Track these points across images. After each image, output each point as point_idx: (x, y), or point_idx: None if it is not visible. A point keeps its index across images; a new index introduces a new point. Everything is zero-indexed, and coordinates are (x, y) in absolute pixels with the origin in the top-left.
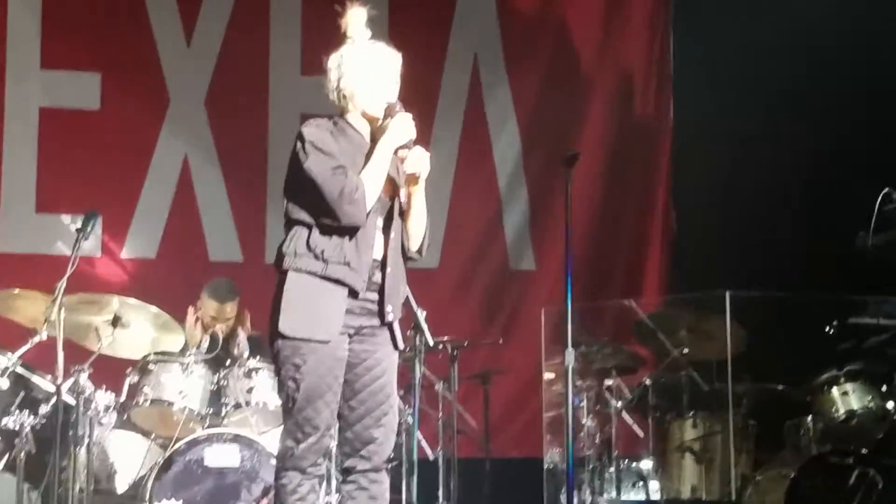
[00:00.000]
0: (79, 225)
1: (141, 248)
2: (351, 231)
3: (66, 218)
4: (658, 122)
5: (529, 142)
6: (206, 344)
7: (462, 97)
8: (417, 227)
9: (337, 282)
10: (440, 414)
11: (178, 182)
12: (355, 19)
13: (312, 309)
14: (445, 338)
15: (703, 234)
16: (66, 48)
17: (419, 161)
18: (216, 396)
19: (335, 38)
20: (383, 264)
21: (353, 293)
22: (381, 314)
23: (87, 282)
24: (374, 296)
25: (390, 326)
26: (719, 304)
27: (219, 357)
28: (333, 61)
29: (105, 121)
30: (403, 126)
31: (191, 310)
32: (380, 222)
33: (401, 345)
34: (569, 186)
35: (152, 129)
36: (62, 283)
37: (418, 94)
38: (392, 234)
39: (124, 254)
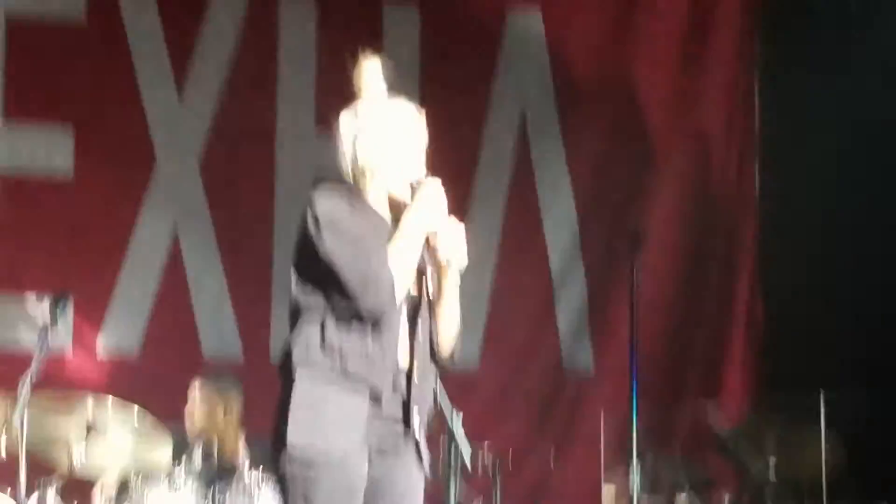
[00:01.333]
0: (46, 312)
1: (121, 341)
2: (373, 323)
3: (30, 303)
4: (741, 197)
5: (587, 217)
6: (198, 453)
7: (507, 163)
8: (449, 325)
9: (357, 382)
10: None
11: (165, 262)
12: (368, 72)
13: (327, 415)
14: (486, 449)
15: (797, 329)
16: (33, 99)
17: (451, 241)
18: None
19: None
20: (409, 371)
21: (376, 397)
22: (405, 420)
23: (55, 380)
24: (398, 406)
25: (416, 441)
26: (813, 409)
27: (213, 470)
28: (346, 127)
29: (78, 185)
30: (432, 198)
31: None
32: (405, 321)
33: (426, 468)
34: (635, 271)
35: (134, 197)
36: (25, 386)
37: (454, 157)
38: (420, 336)
39: (100, 347)
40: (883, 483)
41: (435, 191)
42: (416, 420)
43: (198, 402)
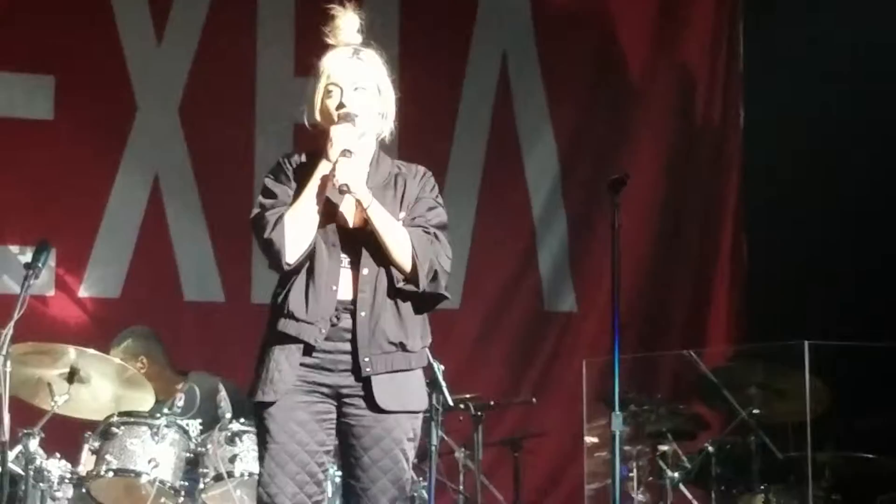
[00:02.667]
0: (28, 258)
1: (102, 285)
2: (296, 274)
3: (13, 250)
4: (725, 135)
5: (569, 159)
6: (180, 402)
7: (488, 104)
8: (393, 249)
9: (285, 338)
10: (461, 487)
11: (146, 206)
12: (345, 26)
13: (267, 368)
14: (468, 395)
15: (782, 273)
16: (13, 47)
17: (343, 170)
18: (193, 466)
19: None
20: (354, 306)
21: (308, 348)
22: (355, 369)
23: (39, 325)
24: (346, 346)
25: (367, 383)
26: (797, 356)
27: (195, 419)
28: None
29: (59, 133)
30: (340, 139)
31: None
32: (344, 258)
33: (383, 405)
34: (616, 214)
35: (116, 143)
36: (8, 329)
37: (436, 101)
38: (364, 270)
39: (83, 292)
40: (865, 431)
41: (342, 133)
42: (367, 359)
43: None
